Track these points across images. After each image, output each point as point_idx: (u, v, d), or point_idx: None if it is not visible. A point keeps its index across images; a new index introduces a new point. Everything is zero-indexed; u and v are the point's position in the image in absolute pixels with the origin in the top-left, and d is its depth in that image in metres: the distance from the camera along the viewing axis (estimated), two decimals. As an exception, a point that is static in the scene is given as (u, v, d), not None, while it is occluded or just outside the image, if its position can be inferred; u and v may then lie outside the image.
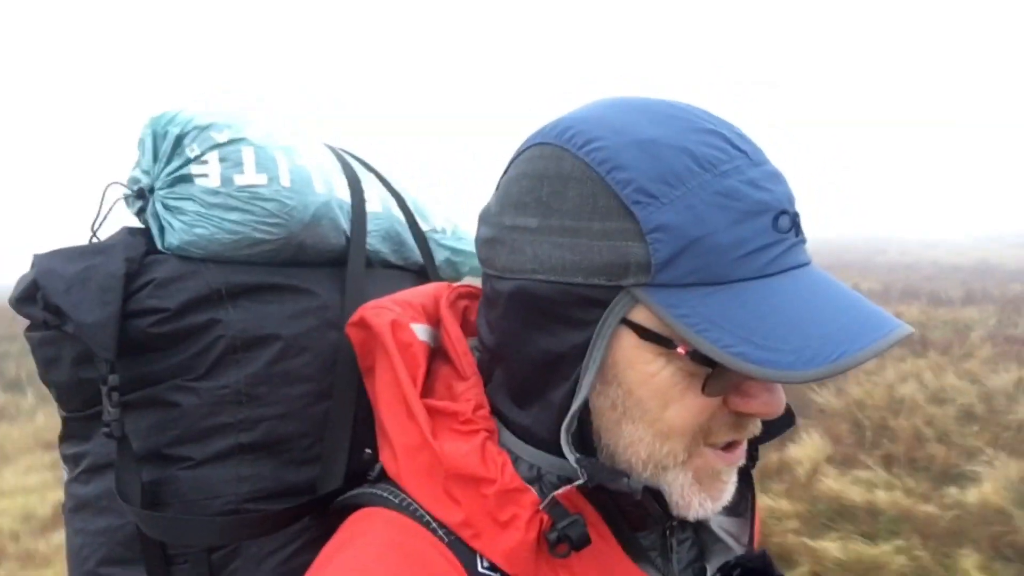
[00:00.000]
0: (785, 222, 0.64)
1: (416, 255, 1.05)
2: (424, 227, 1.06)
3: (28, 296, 0.82)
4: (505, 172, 0.73)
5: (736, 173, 0.63)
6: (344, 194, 0.96)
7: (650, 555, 0.74)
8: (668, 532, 0.76)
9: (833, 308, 0.63)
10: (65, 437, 0.88)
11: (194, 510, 0.80)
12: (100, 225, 0.88)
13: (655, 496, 0.68)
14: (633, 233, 0.62)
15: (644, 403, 0.65)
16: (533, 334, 0.68)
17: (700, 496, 0.68)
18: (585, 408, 0.66)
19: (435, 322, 0.80)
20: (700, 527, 0.81)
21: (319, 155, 0.97)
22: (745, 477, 0.80)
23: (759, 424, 0.71)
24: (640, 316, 0.63)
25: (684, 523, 0.79)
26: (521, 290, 0.68)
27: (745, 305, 0.61)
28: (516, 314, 0.69)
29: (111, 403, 0.77)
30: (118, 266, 0.80)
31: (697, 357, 0.62)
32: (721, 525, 0.81)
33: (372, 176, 1.05)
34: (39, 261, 0.82)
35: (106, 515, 0.82)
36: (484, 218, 0.75)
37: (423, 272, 1.04)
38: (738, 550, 0.79)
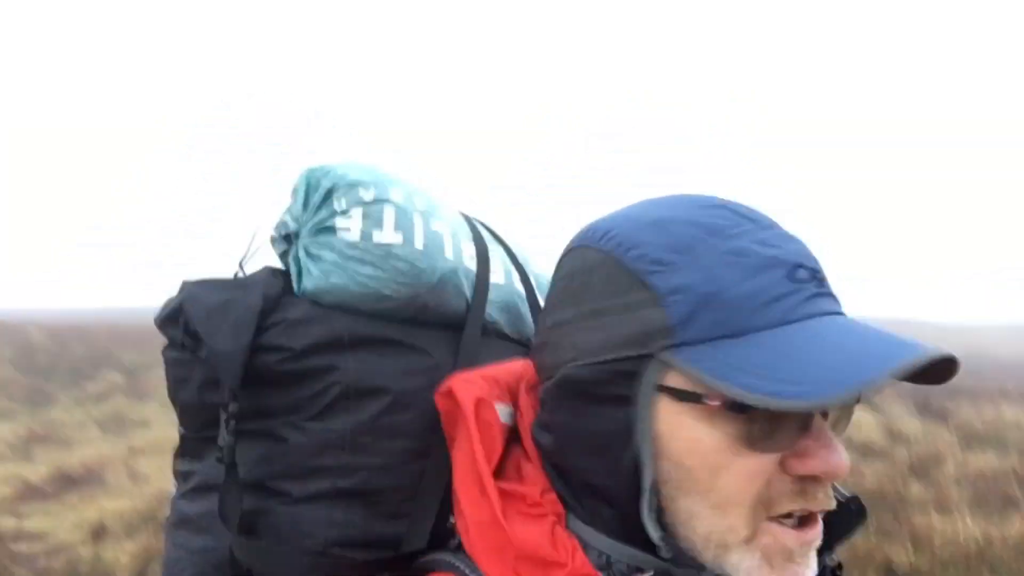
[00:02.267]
0: (803, 274, 0.65)
1: (530, 329, 1.06)
2: (543, 303, 1.08)
3: (172, 318, 0.89)
4: (549, 285, 0.79)
5: (745, 235, 0.66)
6: (471, 262, 0.99)
7: None
8: None
9: (861, 339, 0.62)
10: (180, 453, 0.93)
11: (285, 544, 0.83)
12: (247, 262, 0.95)
13: None
14: (651, 300, 0.65)
15: (694, 473, 0.65)
16: (581, 421, 0.70)
17: None
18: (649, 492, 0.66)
19: (516, 402, 0.82)
20: None
21: (453, 222, 1.01)
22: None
23: (828, 492, 0.67)
24: (674, 380, 0.65)
25: None
26: (564, 379, 0.70)
27: (768, 350, 0.61)
28: (563, 404, 0.71)
29: (227, 429, 0.81)
30: (256, 301, 0.85)
31: (731, 406, 0.62)
32: None
33: (499, 247, 1.08)
34: (187, 288, 0.89)
35: (204, 535, 0.86)
36: (536, 329, 0.79)
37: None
38: None
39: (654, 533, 0.64)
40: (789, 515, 0.66)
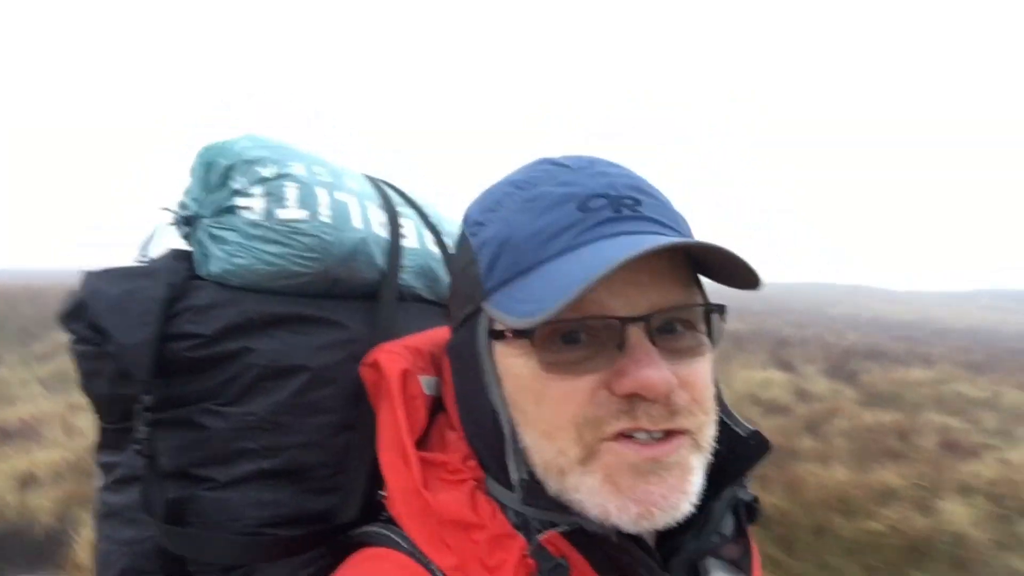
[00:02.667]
0: (597, 203, 0.68)
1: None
2: None
3: (75, 314, 0.86)
4: None
5: (548, 182, 0.71)
6: (381, 229, 0.98)
7: None
8: None
9: (611, 249, 0.63)
10: (101, 446, 0.92)
11: (215, 530, 0.83)
12: (148, 247, 0.93)
13: (636, 540, 0.67)
14: (472, 258, 0.73)
15: (521, 406, 0.68)
16: (460, 380, 0.76)
17: (619, 500, 0.64)
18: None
19: (439, 371, 0.83)
20: None
21: (360, 189, 0.99)
22: (743, 531, 0.78)
23: (658, 412, 0.64)
24: (496, 324, 0.71)
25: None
26: (449, 348, 0.79)
27: (543, 277, 0.65)
28: (452, 369, 0.79)
29: (143, 422, 0.81)
30: (160, 291, 0.83)
31: (518, 335, 0.67)
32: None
33: (412, 210, 1.08)
34: (87, 281, 0.86)
35: (132, 526, 0.85)
36: None
37: None
38: None
39: (514, 474, 0.67)
40: (630, 435, 0.65)
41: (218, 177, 0.89)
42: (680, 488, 0.65)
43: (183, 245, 0.94)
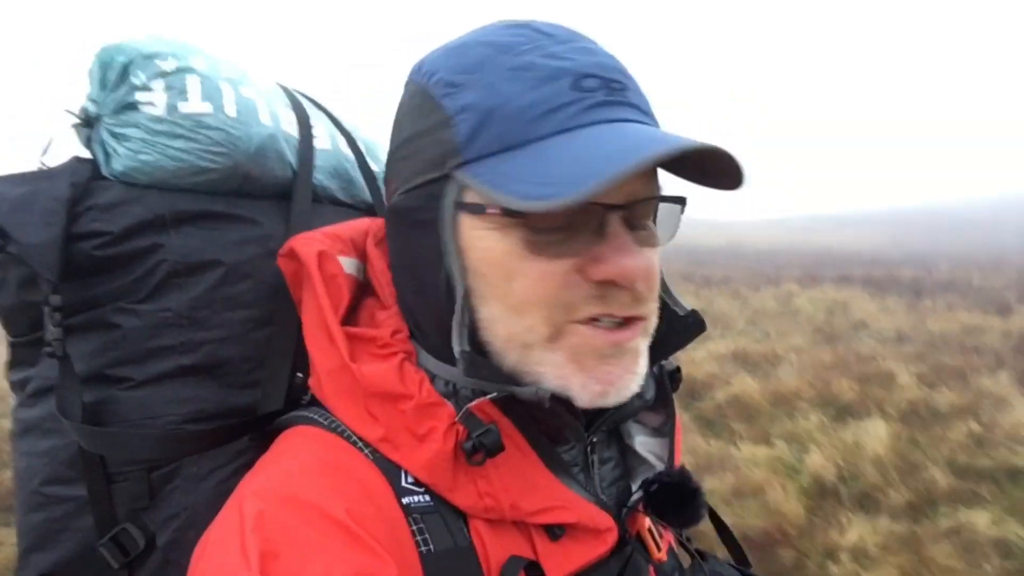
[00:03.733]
0: (591, 83, 0.66)
1: (365, 194, 1.06)
2: (374, 167, 1.08)
3: None
4: None
5: (535, 51, 0.68)
6: (292, 129, 0.97)
7: (571, 470, 0.75)
8: (589, 449, 0.78)
9: (626, 139, 0.63)
10: (12, 364, 0.89)
11: (133, 429, 0.82)
12: (47, 152, 0.89)
13: (566, 405, 0.68)
14: (443, 122, 0.67)
15: (490, 279, 0.67)
16: (405, 247, 0.73)
17: (583, 378, 0.67)
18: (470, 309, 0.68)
19: (364, 256, 0.83)
20: (626, 449, 0.83)
21: (266, 89, 0.98)
22: (665, 398, 0.82)
23: (631, 298, 0.67)
24: (469, 197, 0.67)
25: (608, 442, 0.81)
26: (391, 210, 0.75)
27: (539, 157, 0.63)
28: (393, 234, 0.76)
29: (53, 322, 0.79)
30: (63, 190, 0.81)
31: (507, 213, 0.65)
32: (646, 446, 0.83)
33: (322, 115, 1.06)
34: None
35: (50, 437, 0.84)
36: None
37: (372, 211, 1.06)
38: (660, 468, 0.80)
39: (456, 346, 0.67)
40: (597, 319, 0.67)
41: (116, 74, 0.85)
42: (632, 370, 0.69)
43: (85, 153, 0.90)
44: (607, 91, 0.67)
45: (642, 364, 0.71)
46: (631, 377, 0.70)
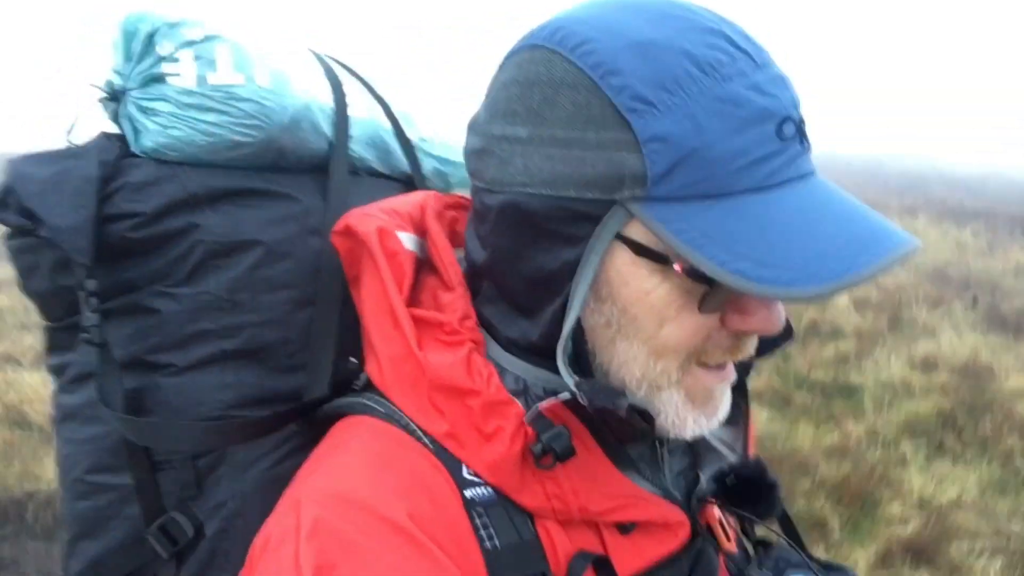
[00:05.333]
0: (790, 129, 0.60)
1: (403, 164, 1.02)
2: (412, 135, 1.03)
3: (2, 201, 0.80)
4: (494, 77, 0.69)
5: (739, 77, 0.59)
6: (326, 98, 0.93)
7: (638, 465, 0.73)
8: (658, 443, 0.75)
9: (837, 221, 0.60)
10: (49, 348, 0.87)
11: (178, 417, 0.80)
12: (74, 129, 0.85)
13: (641, 414, 0.66)
14: (628, 144, 0.58)
15: (639, 321, 0.63)
16: (524, 250, 0.66)
17: (694, 414, 0.67)
18: (579, 327, 0.65)
19: (422, 232, 0.78)
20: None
21: (299, 58, 0.93)
22: (739, 387, 0.79)
23: (755, 343, 0.69)
24: (635, 231, 0.61)
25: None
26: (511, 205, 0.65)
27: (744, 219, 0.57)
28: (506, 230, 0.66)
29: (89, 308, 0.76)
30: (92, 169, 0.78)
31: (694, 274, 0.59)
32: (715, 434, 0.80)
33: (357, 83, 1.02)
34: (12, 166, 0.80)
35: (92, 424, 0.82)
36: (473, 127, 0.71)
37: (410, 182, 1.02)
38: (732, 458, 0.78)
39: (567, 377, 0.63)
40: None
41: (141, 45, 0.81)
42: (728, 396, 0.71)
43: (113, 128, 0.86)
44: (800, 138, 0.61)
45: (729, 392, 0.72)
46: (727, 403, 0.71)
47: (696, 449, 0.80)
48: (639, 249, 0.61)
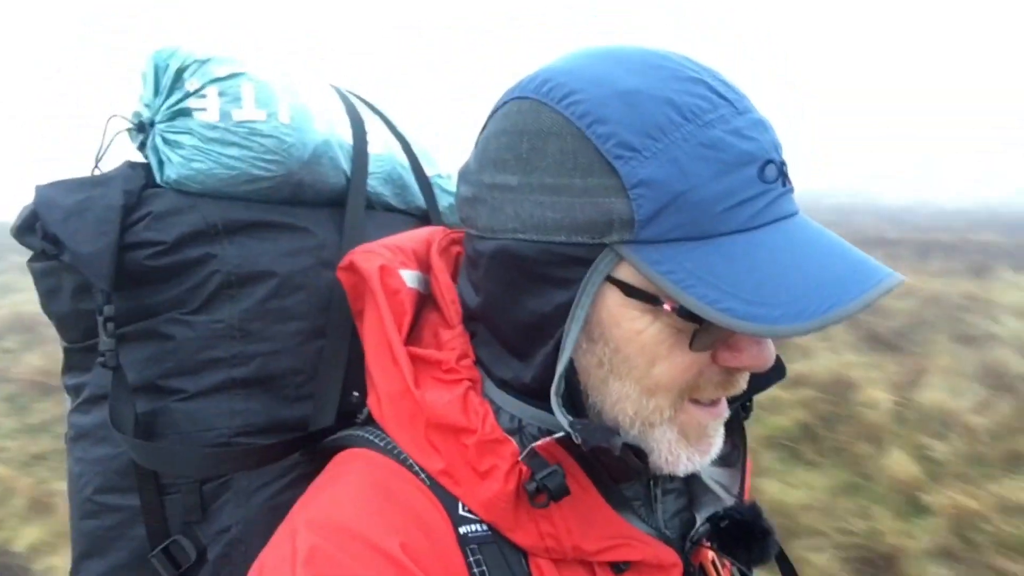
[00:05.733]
0: (772, 172, 0.62)
1: (419, 200, 1.04)
2: (429, 172, 1.05)
3: (28, 226, 0.83)
4: (483, 128, 0.71)
5: (720, 123, 0.61)
6: (346, 134, 0.95)
7: (633, 505, 0.73)
8: (652, 483, 0.75)
9: (821, 259, 0.61)
10: (66, 368, 0.89)
11: (187, 442, 0.81)
12: (102, 158, 0.88)
13: (636, 452, 0.67)
14: (615, 189, 0.60)
15: (631, 360, 0.64)
16: (517, 295, 0.67)
17: (688, 451, 0.68)
18: (571, 368, 0.66)
19: (427, 268, 0.80)
20: (690, 477, 0.80)
21: (321, 94, 0.96)
22: (737, 428, 0.79)
23: (747, 379, 0.69)
24: (625, 273, 0.62)
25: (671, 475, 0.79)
26: (503, 250, 0.66)
27: (731, 259, 0.59)
28: (499, 275, 0.68)
29: (106, 333, 0.78)
30: (116, 198, 0.80)
31: (684, 313, 0.61)
32: (711, 475, 0.80)
33: (377, 119, 1.04)
34: (39, 192, 0.83)
35: (103, 445, 0.84)
36: (464, 176, 0.73)
37: (426, 218, 1.03)
38: (728, 500, 0.78)
39: (561, 417, 0.64)
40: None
41: (170, 80, 0.84)
42: (720, 433, 0.72)
43: (139, 157, 0.89)
44: (782, 180, 0.63)
45: (722, 428, 0.73)
46: (720, 440, 0.72)
47: (692, 490, 0.81)
48: (629, 290, 0.62)
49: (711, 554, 0.79)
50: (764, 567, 0.78)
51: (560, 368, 0.64)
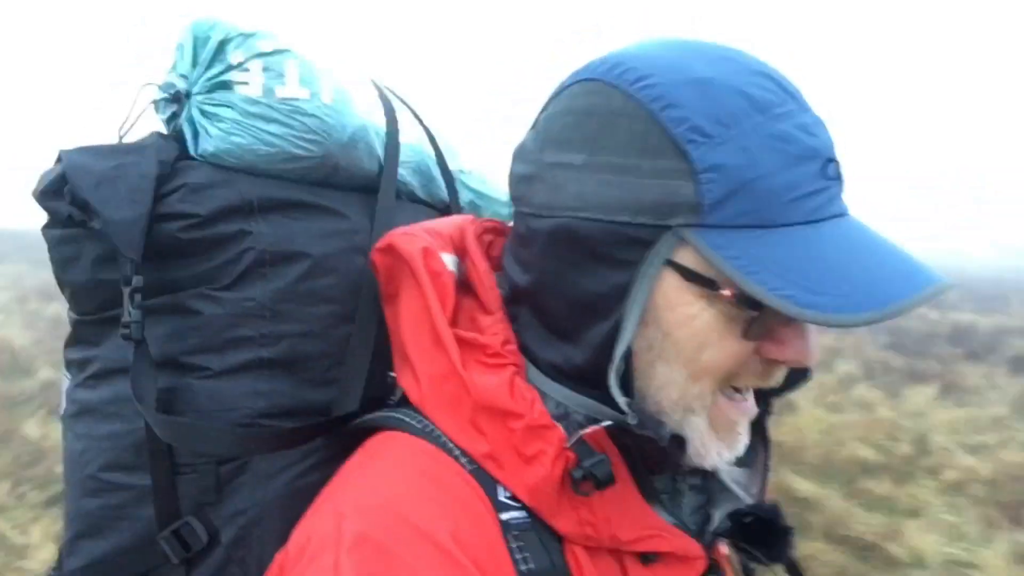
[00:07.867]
0: (833, 169, 0.64)
1: (442, 192, 1.04)
2: (452, 166, 1.06)
3: (55, 189, 0.79)
4: (544, 109, 0.72)
5: (788, 117, 0.63)
6: (380, 122, 0.95)
7: (661, 497, 0.74)
8: (678, 477, 0.77)
9: (877, 256, 0.63)
10: (74, 341, 0.86)
11: (207, 421, 0.79)
12: (130, 128, 0.86)
13: (679, 443, 0.68)
14: (684, 172, 0.61)
15: (681, 344, 0.65)
16: (572, 273, 0.67)
17: (717, 445, 0.69)
18: (625, 350, 0.66)
19: (461, 254, 0.79)
20: (708, 474, 0.81)
21: (358, 80, 0.96)
22: (761, 429, 0.81)
23: (783, 373, 0.70)
24: (685, 258, 0.63)
25: (694, 469, 0.80)
26: (562, 228, 0.67)
27: (793, 249, 0.60)
28: (555, 253, 0.68)
29: (133, 304, 0.75)
30: (151, 166, 0.78)
31: (742, 300, 0.62)
32: (730, 474, 0.81)
33: (407, 110, 1.04)
34: (68, 156, 0.80)
35: (113, 421, 0.81)
36: (520, 155, 0.73)
37: (447, 210, 1.04)
38: (746, 499, 0.79)
39: (620, 399, 0.65)
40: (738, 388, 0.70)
41: (211, 52, 0.82)
42: (747, 429, 0.73)
43: (164, 129, 0.88)
44: (839, 180, 0.65)
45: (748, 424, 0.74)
46: (745, 439, 0.72)
47: (709, 487, 0.82)
48: (688, 274, 0.63)
49: (725, 550, 0.81)
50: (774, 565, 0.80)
51: (620, 349, 0.65)
